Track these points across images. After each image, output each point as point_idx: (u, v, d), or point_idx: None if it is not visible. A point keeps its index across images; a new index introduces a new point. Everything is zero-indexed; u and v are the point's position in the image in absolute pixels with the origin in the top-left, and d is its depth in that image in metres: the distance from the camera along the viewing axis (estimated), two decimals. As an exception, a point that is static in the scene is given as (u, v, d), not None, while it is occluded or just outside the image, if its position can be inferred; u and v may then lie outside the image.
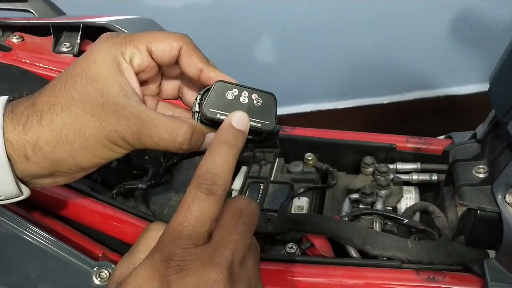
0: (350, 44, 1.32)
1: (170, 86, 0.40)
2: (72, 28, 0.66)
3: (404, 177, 0.60)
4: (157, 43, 0.35)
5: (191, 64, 0.36)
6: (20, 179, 0.34)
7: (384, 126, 1.44)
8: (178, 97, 0.41)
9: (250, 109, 0.36)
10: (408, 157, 0.61)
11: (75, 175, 0.36)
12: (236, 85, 0.36)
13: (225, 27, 1.26)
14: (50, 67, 0.61)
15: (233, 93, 0.36)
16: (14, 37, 0.65)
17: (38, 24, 0.66)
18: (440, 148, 0.60)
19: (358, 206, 0.57)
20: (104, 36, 0.36)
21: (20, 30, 0.67)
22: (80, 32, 0.65)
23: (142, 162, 0.65)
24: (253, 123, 0.36)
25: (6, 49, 0.64)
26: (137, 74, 0.35)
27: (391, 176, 0.59)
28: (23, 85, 0.55)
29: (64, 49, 0.65)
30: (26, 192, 0.35)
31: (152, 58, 0.36)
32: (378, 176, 0.58)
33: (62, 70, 0.35)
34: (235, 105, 0.36)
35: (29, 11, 0.71)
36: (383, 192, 0.57)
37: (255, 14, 1.25)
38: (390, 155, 0.61)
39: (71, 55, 0.64)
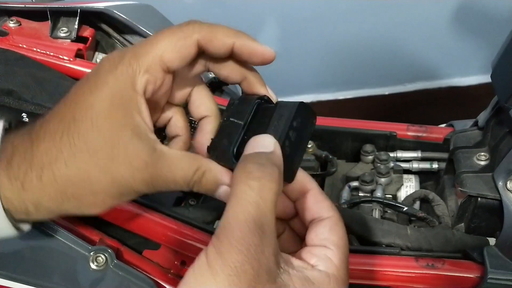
0: (351, 34, 1.31)
1: (180, 93, 0.35)
2: (69, 13, 0.65)
3: (404, 165, 0.59)
4: (169, 51, 0.30)
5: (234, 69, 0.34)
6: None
7: (385, 117, 1.41)
8: (186, 105, 0.36)
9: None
10: (409, 145, 0.60)
11: None
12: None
13: (225, 14, 1.25)
14: (47, 52, 0.60)
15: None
16: (11, 22, 0.64)
17: (35, 9, 0.65)
18: (441, 137, 0.59)
19: (357, 194, 0.57)
20: (106, 62, 0.30)
21: (17, 15, 0.66)
22: (77, 17, 0.64)
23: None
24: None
25: (2, 33, 0.63)
26: (148, 99, 0.31)
27: (391, 164, 0.58)
28: (20, 70, 0.55)
29: (62, 34, 0.64)
30: (26, 229, 0.34)
31: (167, 68, 0.31)
32: (378, 164, 0.58)
33: (60, 56, 0.32)
34: None
35: (26, -4, 0.70)
36: (383, 180, 0.57)
37: (255, 1, 1.24)
38: (391, 143, 0.61)
39: (69, 40, 0.63)
